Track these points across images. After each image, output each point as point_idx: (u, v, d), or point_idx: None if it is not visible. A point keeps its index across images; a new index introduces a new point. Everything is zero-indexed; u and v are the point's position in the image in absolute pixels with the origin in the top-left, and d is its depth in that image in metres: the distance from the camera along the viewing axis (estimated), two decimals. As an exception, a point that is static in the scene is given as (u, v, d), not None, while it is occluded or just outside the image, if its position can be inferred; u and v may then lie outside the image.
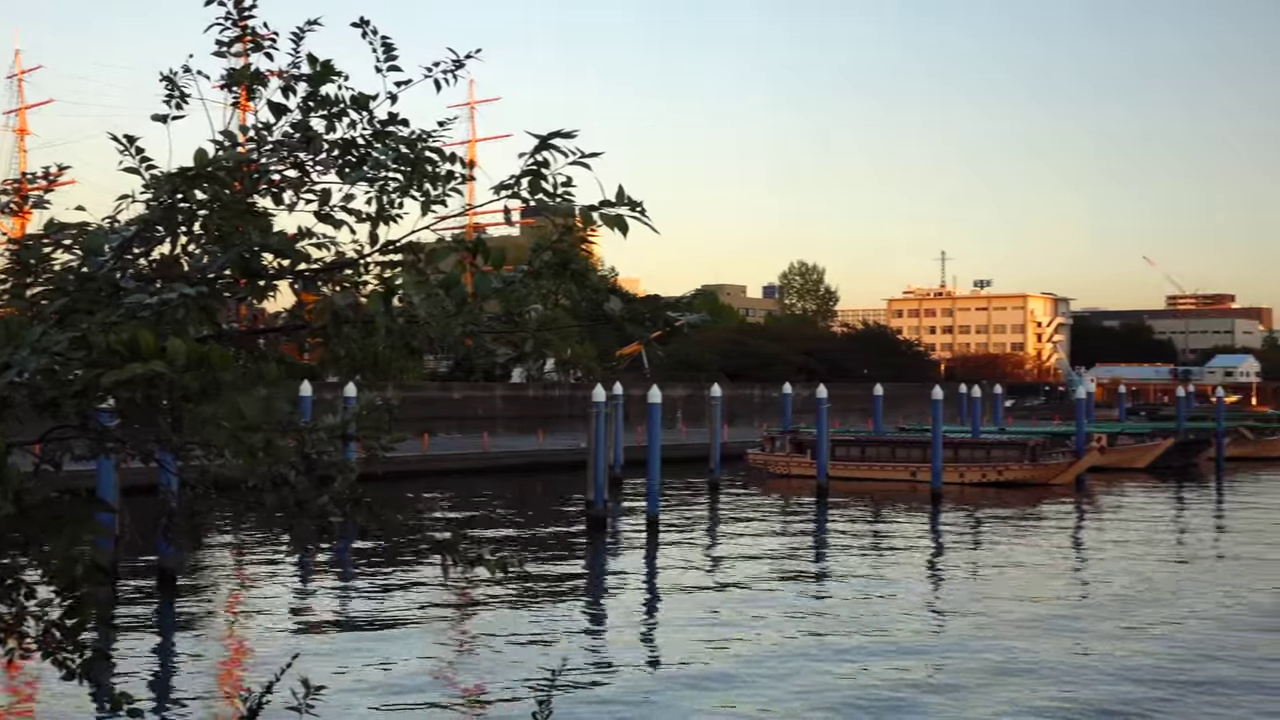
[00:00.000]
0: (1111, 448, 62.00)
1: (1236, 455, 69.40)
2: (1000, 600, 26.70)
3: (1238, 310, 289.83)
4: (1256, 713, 17.75)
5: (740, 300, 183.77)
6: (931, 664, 20.74)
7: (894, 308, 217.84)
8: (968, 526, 40.40)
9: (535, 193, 4.00)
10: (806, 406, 65.45)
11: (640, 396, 46.26)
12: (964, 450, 55.55)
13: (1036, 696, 18.58)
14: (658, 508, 37.97)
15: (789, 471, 57.60)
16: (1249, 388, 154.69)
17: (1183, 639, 22.67)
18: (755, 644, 21.98)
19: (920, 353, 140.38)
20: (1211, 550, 35.13)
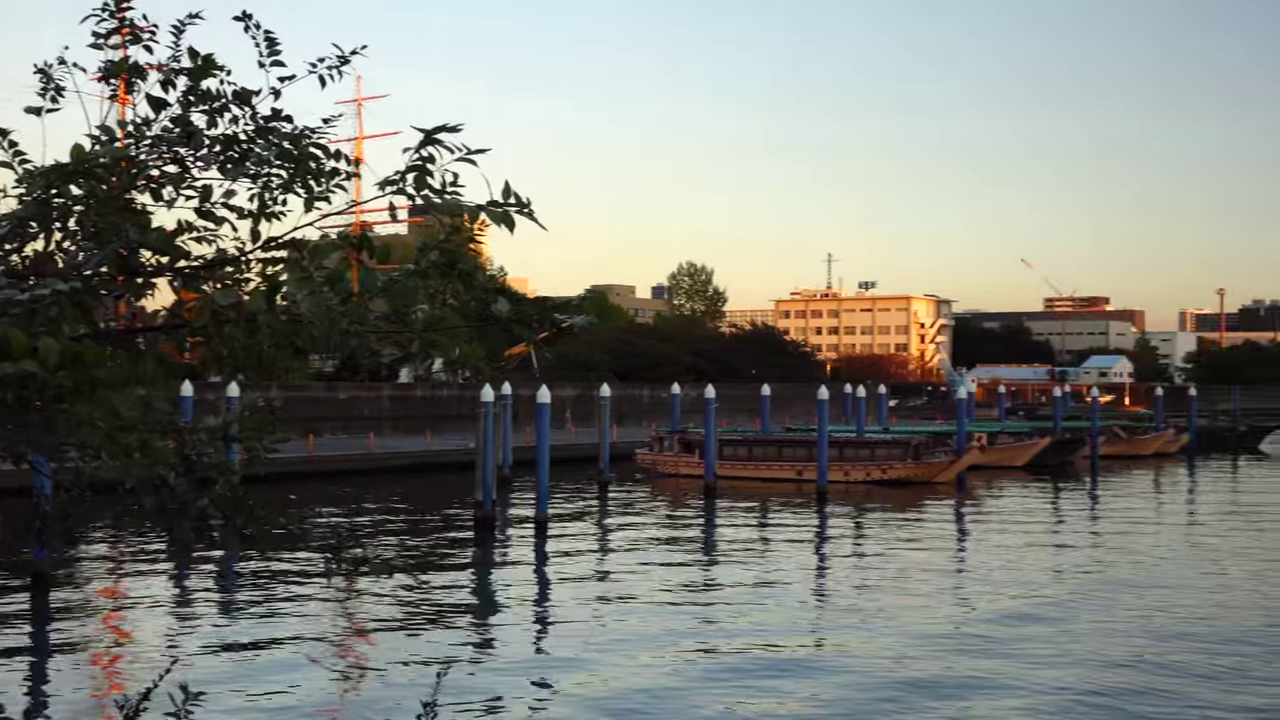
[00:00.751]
0: (991, 446, 63.37)
1: (1110, 453, 71.36)
2: (883, 596, 27.15)
3: (1112, 312, 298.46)
4: (1125, 693, 18.28)
5: (629, 300, 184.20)
6: (816, 661, 21.01)
7: (781, 309, 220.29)
8: (852, 525, 40.98)
9: (421, 189, 3.97)
10: (695, 406, 65.90)
11: (529, 396, 46.12)
12: (849, 449, 56.30)
13: (917, 688, 18.92)
14: (546, 508, 37.90)
15: (677, 471, 57.86)
16: (1122, 388, 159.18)
17: (1060, 631, 23.25)
18: (644, 643, 22.04)
19: (807, 353, 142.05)
20: (1085, 545, 36.06)
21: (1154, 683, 19.28)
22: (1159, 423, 79.73)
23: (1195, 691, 18.76)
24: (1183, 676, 19.68)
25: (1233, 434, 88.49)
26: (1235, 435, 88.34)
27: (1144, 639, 22.63)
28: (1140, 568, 31.46)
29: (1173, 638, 22.68)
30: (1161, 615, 24.90)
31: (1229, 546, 35.67)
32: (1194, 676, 19.71)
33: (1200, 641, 22.36)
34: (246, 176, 4.16)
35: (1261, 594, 27.68)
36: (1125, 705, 18.04)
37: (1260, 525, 40.98)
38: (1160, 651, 21.53)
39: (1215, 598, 27.09)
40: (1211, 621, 24.25)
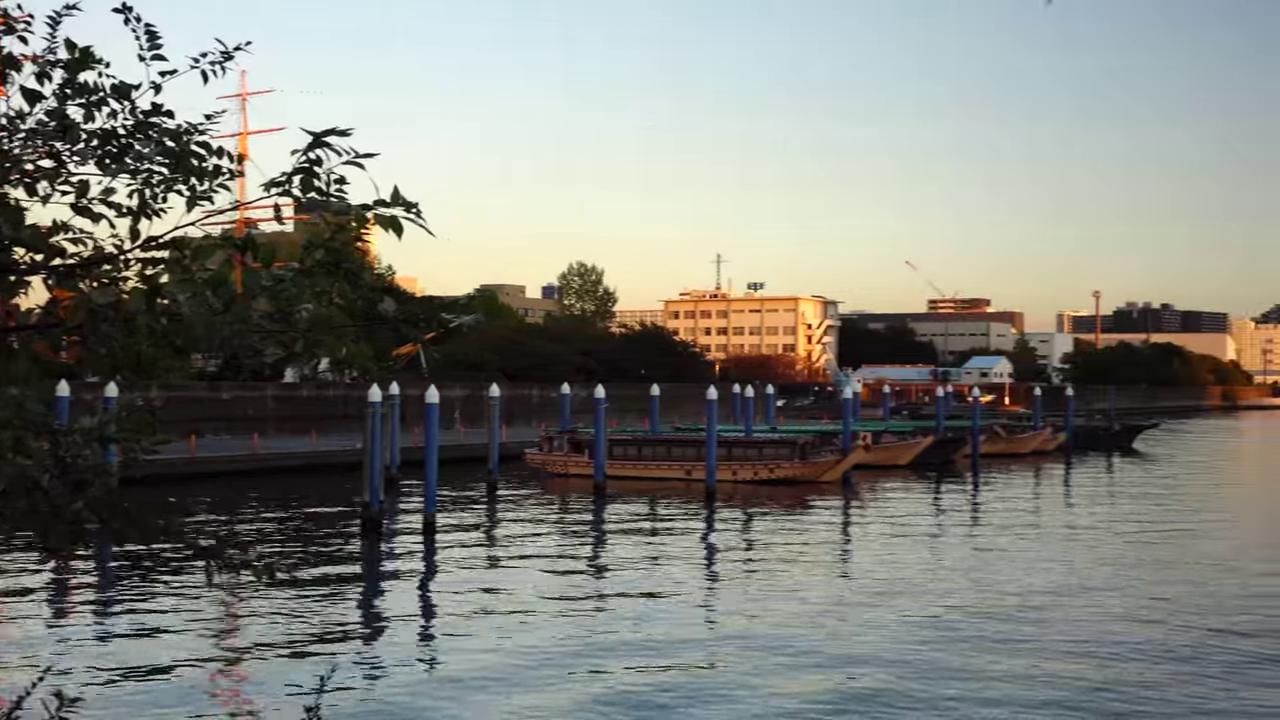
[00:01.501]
0: (876, 446, 64.34)
1: (991, 452, 72.98)
2: (769, 593, 27.44)
3: (993, 314, 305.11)
4: (996, 682, 18.73)
5: (519, 300, 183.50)
6: (704, 659, 21.16)
7: (671, 309, 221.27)
8: (740, 523, 41.32)
9: (308, 191, 3.92)
10: (585, 406, 65.97)
11: (418, 396, 45.74)
12: (737, 449, 56.76)
13: (806, 687, 19.16)
14: (435, 508, 37.63)
15: (567, 471, 57.82)
16: (1002, 388, 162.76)
17: (943, 626, 23.73)
18: (531, 644, 21.99)
19: (696, 353, 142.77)
20: (966, 542, 36.83)
21: (1036, 675, 19.80)
22: (1037, 422, 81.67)
23: (1063, 683, 19.30)
24: (1049, 668, 20.25)
25: (1107, 433, 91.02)
26: (1110, 434, 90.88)
27: (1025, 634, 23.23)
28: (1015, 565, 32.22)
29: (1046, 632, 23.32)
30: (1039, 612, 25.56)
31: (1102, 542, 36.70)
32: (1054, 669, 20.29)
33: (1072, 637, 23.01)
34: (126, 173, 4.08)
35: (1135, 594, 28.51)
36: (1012, 699, 18.48)
37: (1135, 523, 42.21)
38: (1041, 644, 22.12)
39: (1086, 594, 27.88)
40: (1080, 619, 24.95)
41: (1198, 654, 21.51)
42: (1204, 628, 23.81)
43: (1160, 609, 25.89)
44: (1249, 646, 22.18)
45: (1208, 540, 37.38)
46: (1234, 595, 27.59)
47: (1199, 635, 23.11)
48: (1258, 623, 24.37)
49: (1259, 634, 23.29)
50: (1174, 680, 19.74)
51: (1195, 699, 18.62)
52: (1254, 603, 26.68)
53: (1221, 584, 29.10)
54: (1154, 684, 19.48)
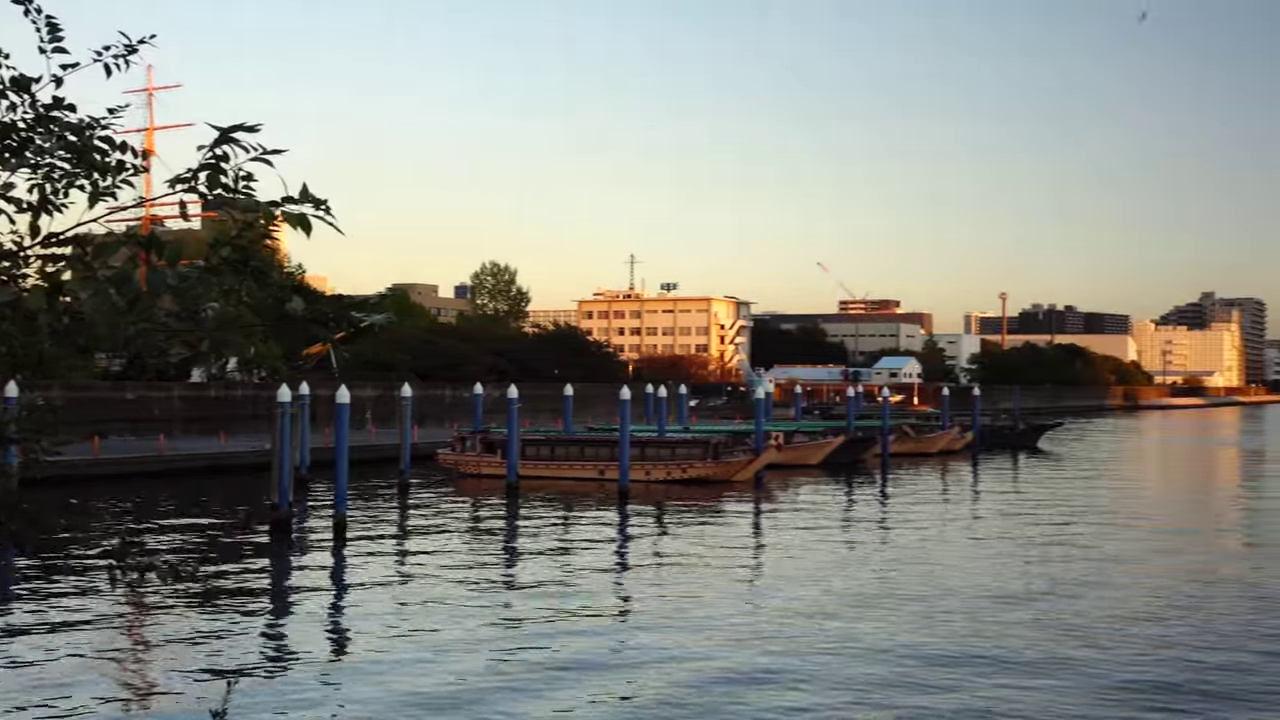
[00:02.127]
0: (788, 445, 64.83)
1: (900, 451, 73.90)
2: (681, 593, 27.54)
3: (902, 315, 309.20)
4: (899, 682, 19.00)
5: (431, 300, 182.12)
6: (616, 659, 21.19)
7: (584, 309, 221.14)
8: (653, 524, 41.43)
9: (214, 188, 3.87)
10: (497, 406, 65.58)
11: (328, 397, 45.22)
12: (650, 449, 56.88)
13: (718, 685, 19.27)
14: (345, 509, 37.25)
15: (479, 471, 57.55)
16: (912, 388, 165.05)
17: (852, 623, 24.00)
18: (442, 649, 21.87)
19: (609, 353, 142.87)
20: (873, 540, 37.27)
21: (935, 674, 20.10)
22: (945, 421, 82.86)
23: (968, 677, 19.63)
24: (957, 662, 20.58)
25: (1013, 432, 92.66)
26: (1016, 433, 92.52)
27: (931, 630, 23.58)
28: (925, 563, 32.68)
29: (957, 628, 23.70)
30: (951, 609, 25.95)
31: (1008, 540, 37.34)
32: (962, 664, 20.64)
33: (975, 632, 23.40)
34: (26, 167, 3.99)
35: (1030, 589, 29.04)
36: (916, 697, 18.74)
37: (1037, 522, 43.00)
38: (944, 641, 22.46)
39: (991, 591, 28.35)
40: (983, 614, 25.39)
41: (1090, 651, 22.00)
42: (1095, 625, 24.36)
43: (1051, 607, 26.42)
44: (1140, 646, 22.74)
45: (1106, 538, 38.21)
46: (1130, 592, 28.25)
47: (1092, 633, 23.63)
48: (1152, 618, 25.00)
49: (1150, 630, 23.89)
50: (1060, 679, 20.16)
51: (1076, 701, 19.04)
52: (1151, 602, 27.34)
53: (1119, 582, 29.78)
54: (1036, 678, 19.89)
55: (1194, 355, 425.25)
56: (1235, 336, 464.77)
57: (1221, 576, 30.78)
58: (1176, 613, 25.63)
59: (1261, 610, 25.98)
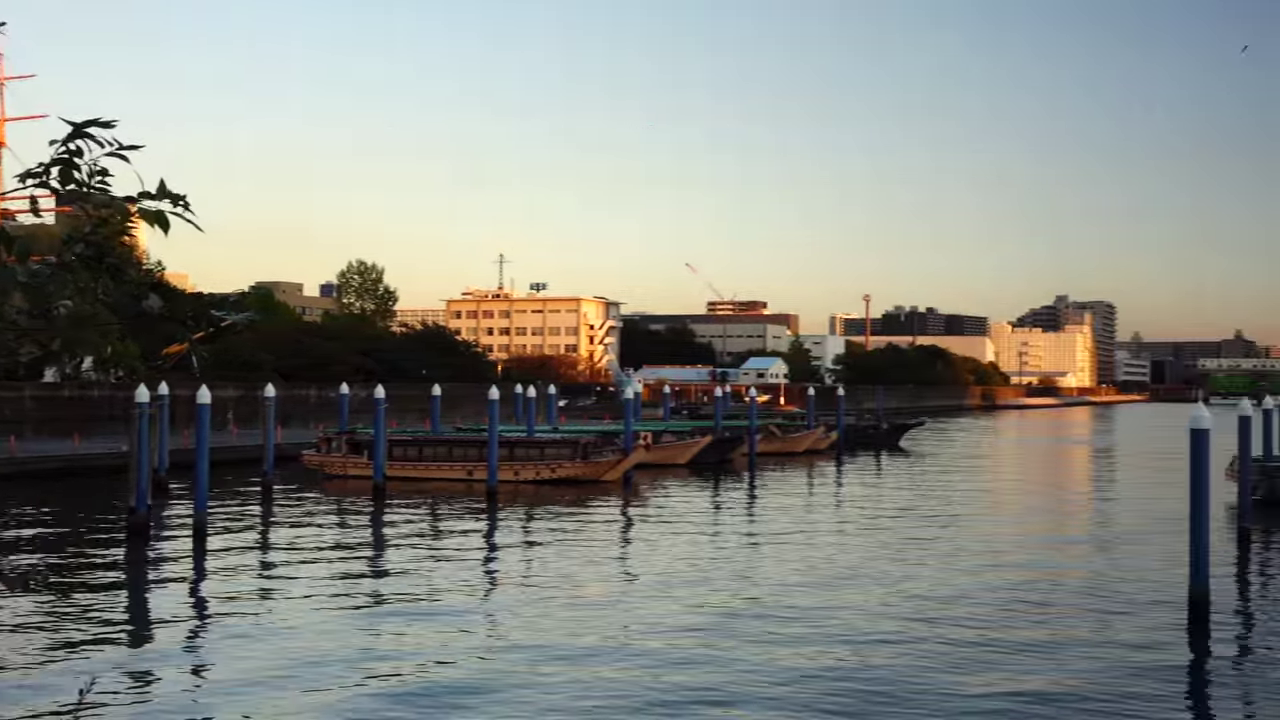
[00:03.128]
0: (656, 445, 65.20)
1: (766, 451, 74.82)
2: (548, 593, 27.53)
3: (769, 316, 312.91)
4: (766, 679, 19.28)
5: (296, 298, 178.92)
6: (482, 661, 21.11)
7: (453, 309, 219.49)
8: (522, 525, 41.29)
9: (67, 183, 3.77)
10: (364, 407, 64.71)
11: (189, 397, 44.19)
12: (519, 449, 56.71)
13: (584, 687, 19.31)
14: (205, 512, 36.44)
15: (345, 472, 56.82)
16: (778, 388, 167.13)
17: (717, 623, 24.26)
18: (306, 650, 21.55)
19: (478, 353, 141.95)
20: (740, 538, 37.67)
21: (804, 665, 20.44)
22: (810, 421, 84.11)
23: (825, 674, 20.01)
24: (799, 661, 20.96)
25: (876, 431, 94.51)
26: (878, 433, 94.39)
27: (790, 629, 23.96)
28: (785, 560, 33.18)
29: (827, 627, 24.11)
30: (802, 607, 26.39)
31: (873, 537, 38.11)
32: (810, 660, 21.03)
33: (832, 630, 23.85)
34: None
35: (890, 587, 29.68)
36: (784, 696, 19.02)
37: (898, 519, 43.95)
38: (807, 636, 22.85)
39: (849, 586, 28.92)
40: (841, 612, 25.88)
41: (939, 642, 22.58)
42: (948, 619, 25.01)
43: (912, 603, 27.04)
44: (988, 635, 23.41)
45: (965, 534, 39.23)
46: (983, 587, 29.05)
47: (945, 628, 24.26)
48: (1001, 613, 25.78)
49: (1000, 625, 24.61)
50: (913, 668, 20.67)
51: (934, 687, 19.54)
52: (1001, 595, 28.16)
53: (975, 576, 30.61)
54: (895, 674, 20.36)
55: (1048, 356, 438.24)
56: (1087, 338, 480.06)
57: (1068, 571, 31.81)
58: (1024, 609, 26.46)
59: (1105, 605, 26.94)
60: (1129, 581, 29.82)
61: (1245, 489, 39.49)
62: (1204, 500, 24.90)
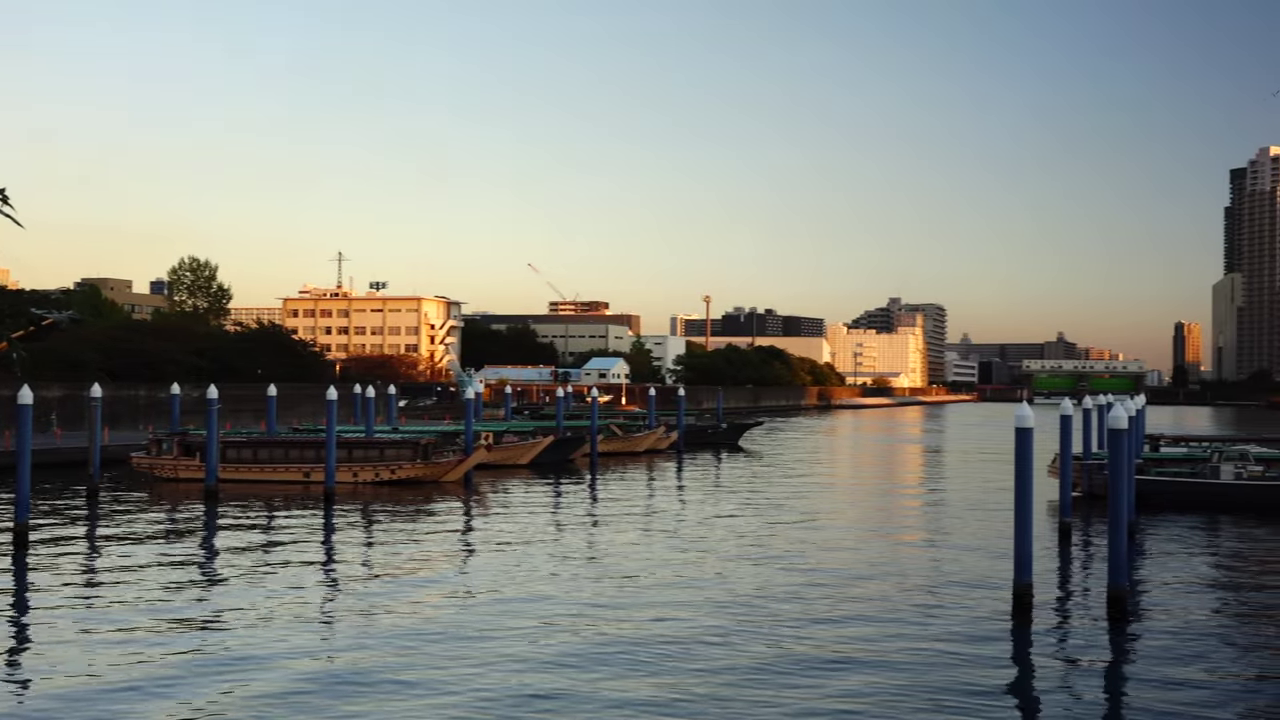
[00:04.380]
0: (498, 446, 65.05)
1: (608, 451, 75.25)
2: (387, 597, 27.21)
3: (611, 317, 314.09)
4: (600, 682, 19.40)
5: (125, 296, 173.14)
6: (317, 668, 20.77)
7: (290, 307, 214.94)
8: (359, 526, 40.69)
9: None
10: (196, 407, 63.10)
11: (9, 397, 42.42)
12: (358, 450, 55.95)
13: (424, 691, 19.16)
14: (27, 518, 35.04)
15: (177, 475, 55.33)
16: (620, 388, 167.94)
17: (559, 620, 24.30)
18: (136, 659, 20.92)
19: (315, 353, 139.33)
20: (580, 540, 37.73)
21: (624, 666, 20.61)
22: (651, 421, 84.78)
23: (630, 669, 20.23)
24: (636, 659, 21.18)
25: (716, 431, 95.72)
26: (718, 432, 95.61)
27: (643, 627, 24.14)
28: (627, 561, 33.39)
29: (659, 623, 24.33)
30: (646, 605, 26.60)
31: (710, 537, 38.57)
32: (639, 657, 21.26)
33: (675, 632, 24.11)
34: None
35: (728, 586, 30.12)
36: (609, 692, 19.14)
37: (736, 517, 44.55)
38: (650, 636, 23.05)
39: (689, 586, 29.26)
40: (683, 610, 26.18)
41: (770, 641, 23.04)
42: (778, 617, 25.51)
43: (745, 602, 27.50)
44: (816, 633, 23.96)
45: (799, 532, 40.00)
46: (813, 584, 29.69)
47: (775, 626, 24.74)
48: (832, 608, 26.39)
49: (831, 621, 25.21)
50: (744, 668, 21.04)
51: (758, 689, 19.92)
52: (833, 591, 28.81)
53: (807, 574, 31.26)
54: (727, 673, 20.71)
55: (882, 357, 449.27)
56: (919, 340, 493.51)
57: (897, 567, 32.68)
58: (853, 604, 27.11)
59: (934, 598, 27.76)
60: (956, 576, 30.77)
61: (1066, 485, 41.13)
62: (1028, 496, 25.85)
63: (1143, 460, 51.09)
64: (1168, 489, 47.70)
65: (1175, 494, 47.52)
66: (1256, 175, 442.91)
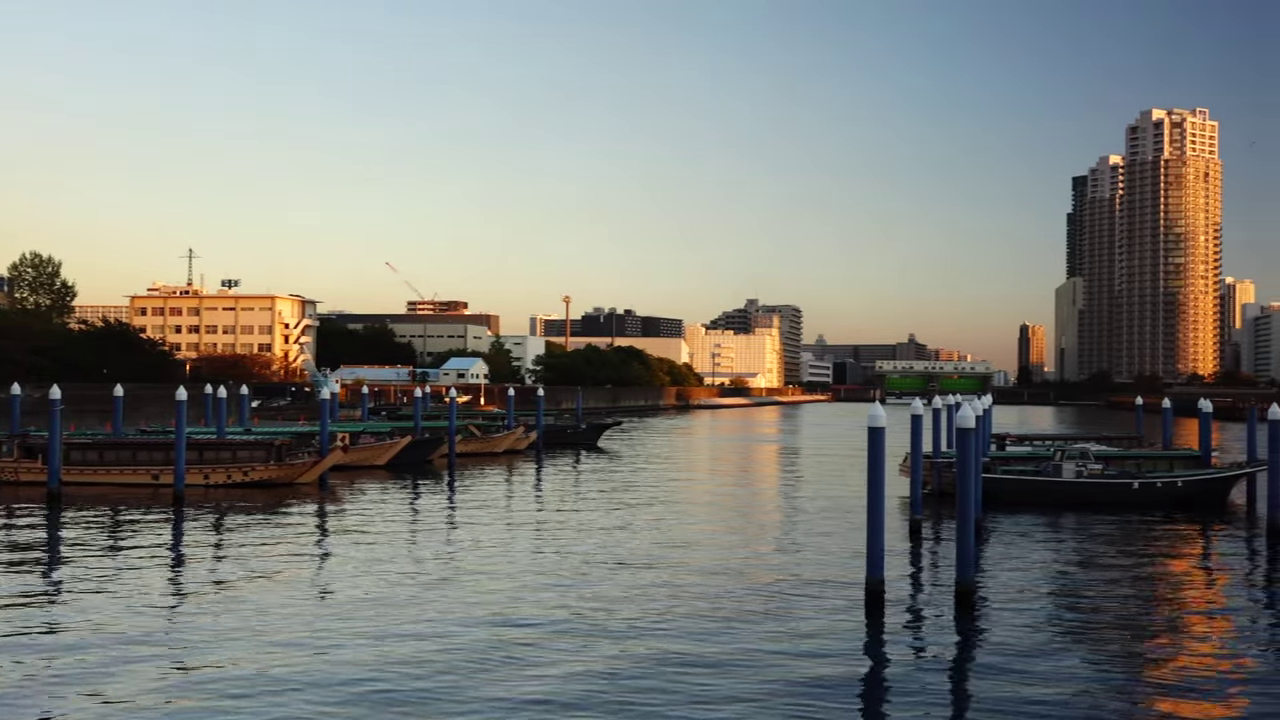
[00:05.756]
0: (354, 447, 64.17)
1: (466, 451, 74.82)
2: (236, 603, 26.69)
3: (470, 316, 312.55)
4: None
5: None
6: (157, 679, 20.32)
7: (138, 305, 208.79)
8: (210, 529, 39.79)
9: None
10: (38, 408, 61.00)
11: None
12: (209, 451, 54.73)
13: (270, 697, 18.87)
14: None
15: (17, 478, 53.49)
16: (479, 389, 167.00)
17: (411, 624, 24.12)
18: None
19: (165, 352, 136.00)
20: (437, 542, 37.46)
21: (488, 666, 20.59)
22: (510, 422, 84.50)
23: (483, 672, 20.25)
24: (479, 661, 21.19)
25: (575, 431, 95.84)
26: (577, 433, 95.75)
27: (491, 626, 24.10)
28: (485, 564, 33.29)
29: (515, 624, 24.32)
30: (514, 603, 26.56)
31: (566, 537, 38.64)
32: (490, 659, 21.28)
33: (521, 631, 24.13)
34: None
35: (586, 587, 30.25)
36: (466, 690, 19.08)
37: (592, 518, 44.71)
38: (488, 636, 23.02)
39: (547, 590, 29.30)
40: (539, 611, 26.21)
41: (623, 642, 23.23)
42: (631, 618, 25.73)
43: (602, 603, 27.67)
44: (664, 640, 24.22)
45: (655, 532, 40.32)
46: (665, 585, 29.99)
47: (629, 626, 24.95)
48: (685, 607, 26.69)
49: (683, 620, 25.49)
50: (597, 673, 21.19)
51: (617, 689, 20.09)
52: (687, 590, 29.12)
53: (661, 573, 31.54)
54: (577, 677, 20.82)
55: (740, 358, 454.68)
56: (775, 340, 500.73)
57: (752, 565, 33.17)
58: (707, 604, 27.46)
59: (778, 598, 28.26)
60: (810, 574, 31.33)
61: (916, 483, 42.18)
62: (879, 494, 26.47)
63: (989, 459, 52.67)
64: (1013, 487, 49.26)
65: (1020, 491, 49.09)
66: (1097, 183, 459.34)
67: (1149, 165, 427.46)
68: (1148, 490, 48.82)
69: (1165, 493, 48.82)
